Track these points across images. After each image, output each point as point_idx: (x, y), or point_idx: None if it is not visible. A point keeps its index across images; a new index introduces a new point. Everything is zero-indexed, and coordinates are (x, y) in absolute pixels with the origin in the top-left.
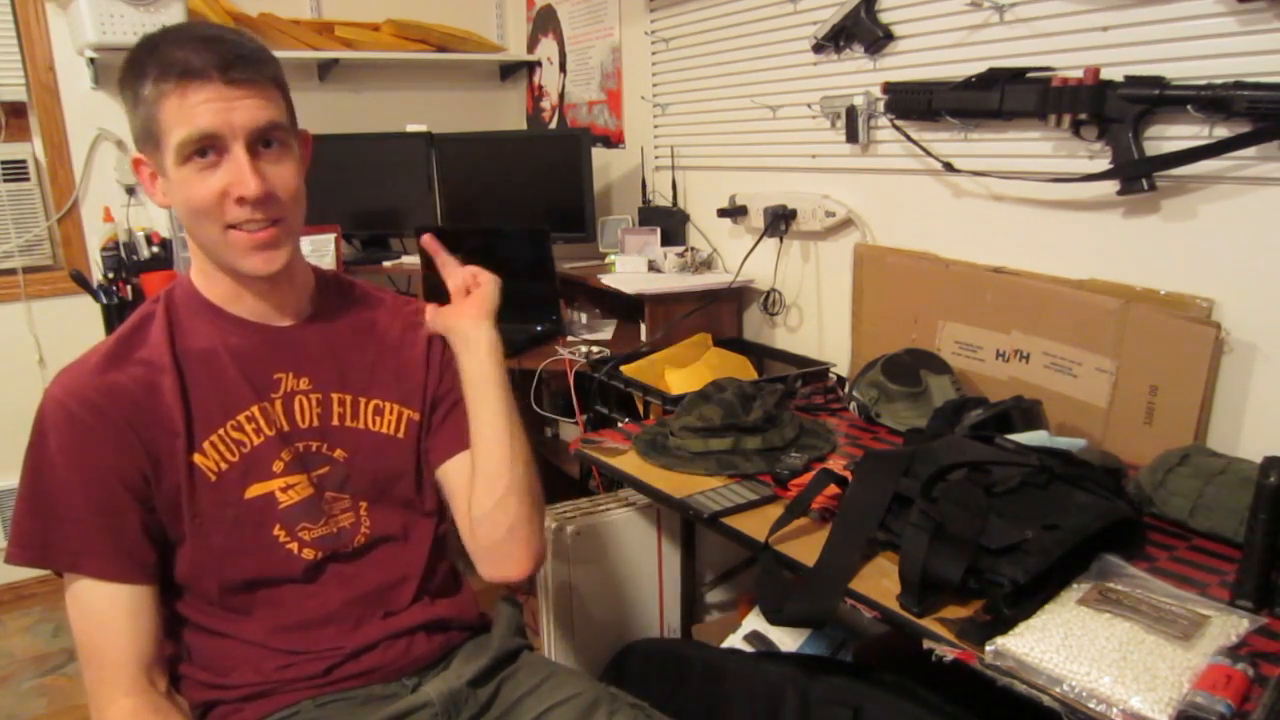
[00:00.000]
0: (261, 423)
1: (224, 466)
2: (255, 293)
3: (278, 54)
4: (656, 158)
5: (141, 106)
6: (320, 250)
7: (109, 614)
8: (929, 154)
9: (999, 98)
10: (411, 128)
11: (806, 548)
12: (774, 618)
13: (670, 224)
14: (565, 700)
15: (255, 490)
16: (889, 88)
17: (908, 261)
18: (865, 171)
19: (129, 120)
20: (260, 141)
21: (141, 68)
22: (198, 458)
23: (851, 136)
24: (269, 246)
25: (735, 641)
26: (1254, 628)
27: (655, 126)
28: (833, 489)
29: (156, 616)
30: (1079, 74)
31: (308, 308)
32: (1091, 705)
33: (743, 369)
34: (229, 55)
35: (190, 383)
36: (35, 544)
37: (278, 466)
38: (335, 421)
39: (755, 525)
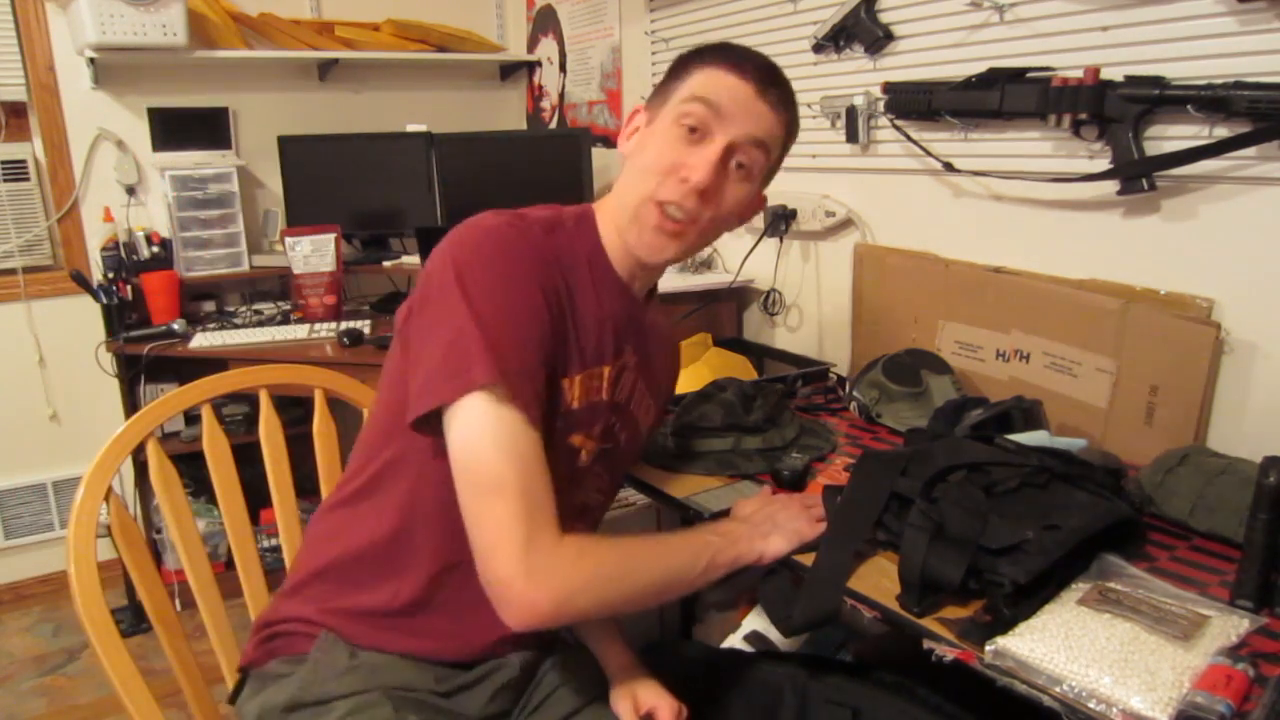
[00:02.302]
0: (605, 383)
1: (575, 406)
2: (636, 266)
3: (277, 54)
4: None
5: (679, 71)
6: (320, 250)
7: (546, 467)
8: (929, 154)
9: (999, 98)
10: (411, 128)
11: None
12: (785, 626)
13: None
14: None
15: (576, 440)
16: (889, 88)
17: (908, 261)
18: (865, 171)
19: (664, 82)
20: (734, 157)
21: (712, 55)
22: (565, 381)
23: (851, 136)
24: (670, 236)
25: (735, 641)
26: (1254, 628)
27: None
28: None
29: None
30: (1079, 74)
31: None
32: (1091, 705)
33: (743, 369)
34: (775, 80)
35: (581, 313)
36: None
37: (596, 429)
38: (633, 406)
39: None
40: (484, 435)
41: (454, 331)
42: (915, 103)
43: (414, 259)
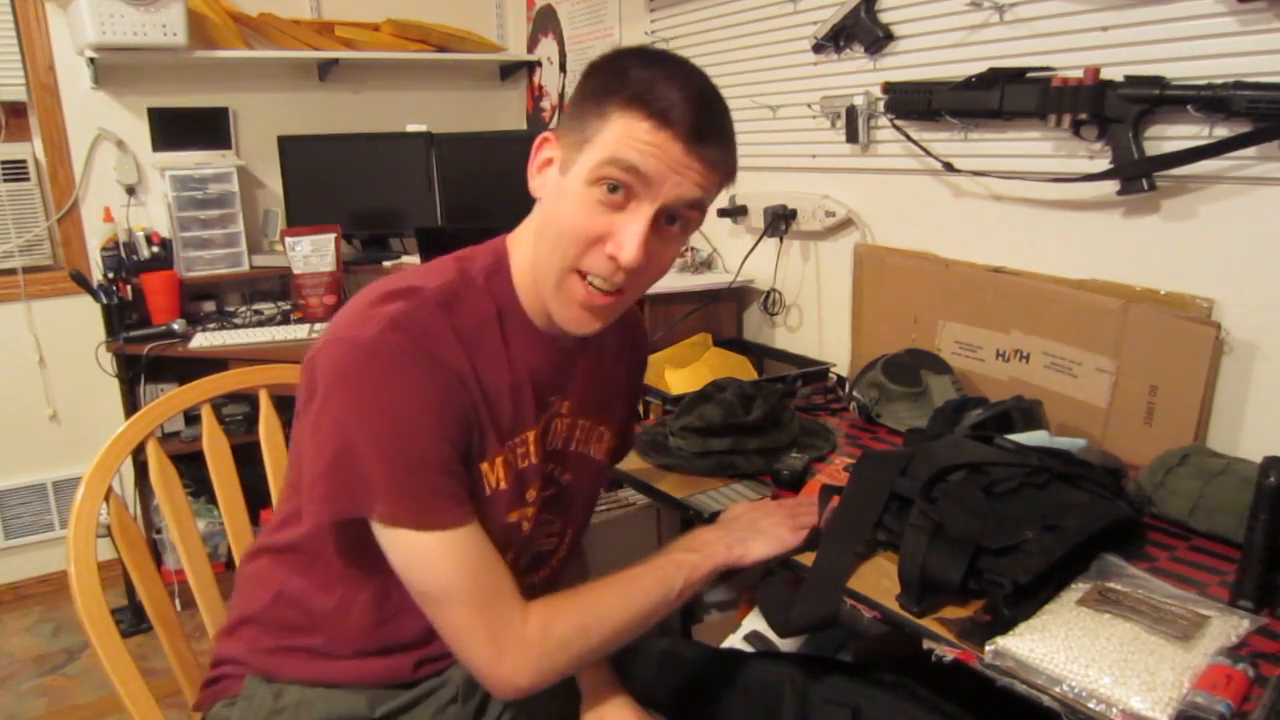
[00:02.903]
0: (532, 446)
1: (502, 487)
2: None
3: (277, 54)
4: None
5: (595, 105)
6: (320, 250)
7: (491, 550)
8: (929, 154)
9: (999, 98)
10: (411, 128)
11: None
12: (783, 629)
13: None
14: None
15: (512, 517)
16: (889, 88)
17: (908, 261)
18: (865, 171)
19: (572, 98)
20: (667, 216)
21: (624, 78)
22: (484, 466)
23: (851, 136)
24: (598, 312)
25: (735, 641)
26: (1254, 628)
27: None
28: (836, 501)
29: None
30: (1079, 74)
31: None
32: (1091, 705)
33: (743, 369)
34: (707, 126)
35: (492, 390)
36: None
37: (531, 494)
38: (574, 446)
39: None
40: (412, 555)
41: (340, 450)
42: (915, 103)
43: (414, 259)
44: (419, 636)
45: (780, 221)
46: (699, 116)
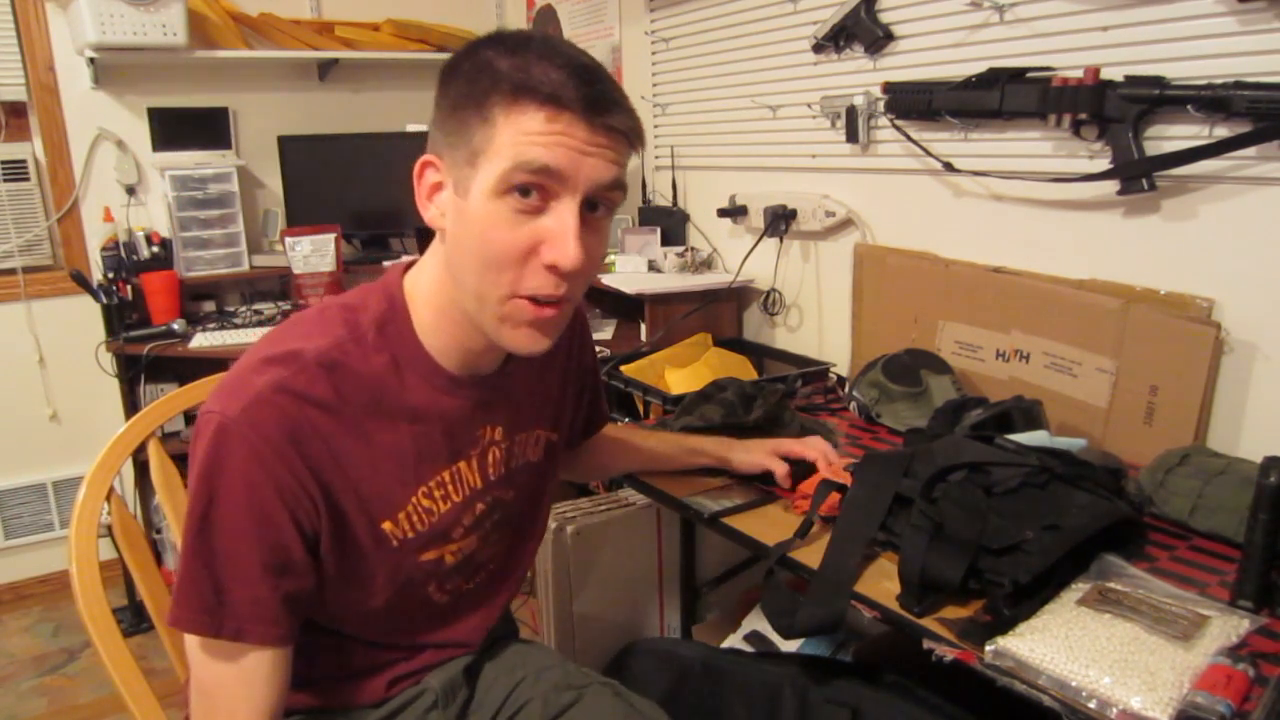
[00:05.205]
0: (450, 489)
1: (410, 535)
2: (484, 349)
3: (277, 54)
4: (656, 158)
5: (474, 111)
6: (320, 250)
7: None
8: (929, 154)
9: (999, 98)
10: (411, 128)
11: (811, 553)
12: (787, 632)
13: (670, 224)
14: (536, 673)
15: (430, 555)
16: (889, 88)
17: (908, 261)
18: (865, 171)
19: (436, 113)
20: (589, 203)
21: (493, 73)
22: (387, 525)
23: (851, 136)
24: (547, 327)
25: (735, 641)
26: (1254, 628)
27: (655, 126)
28: (835, 497)
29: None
30: (1079, 74)
31: None
32: (1091, 705)
33: (743, 369)
34: (603, 96)
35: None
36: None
37: (457, 532)
38: (515, 463)
39: (755, 526)
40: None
41: (186, 562)
42: (915, 103)
43: (414, 259)
44: (389, 659)
45: (780, 221)
46: (592, 87)
